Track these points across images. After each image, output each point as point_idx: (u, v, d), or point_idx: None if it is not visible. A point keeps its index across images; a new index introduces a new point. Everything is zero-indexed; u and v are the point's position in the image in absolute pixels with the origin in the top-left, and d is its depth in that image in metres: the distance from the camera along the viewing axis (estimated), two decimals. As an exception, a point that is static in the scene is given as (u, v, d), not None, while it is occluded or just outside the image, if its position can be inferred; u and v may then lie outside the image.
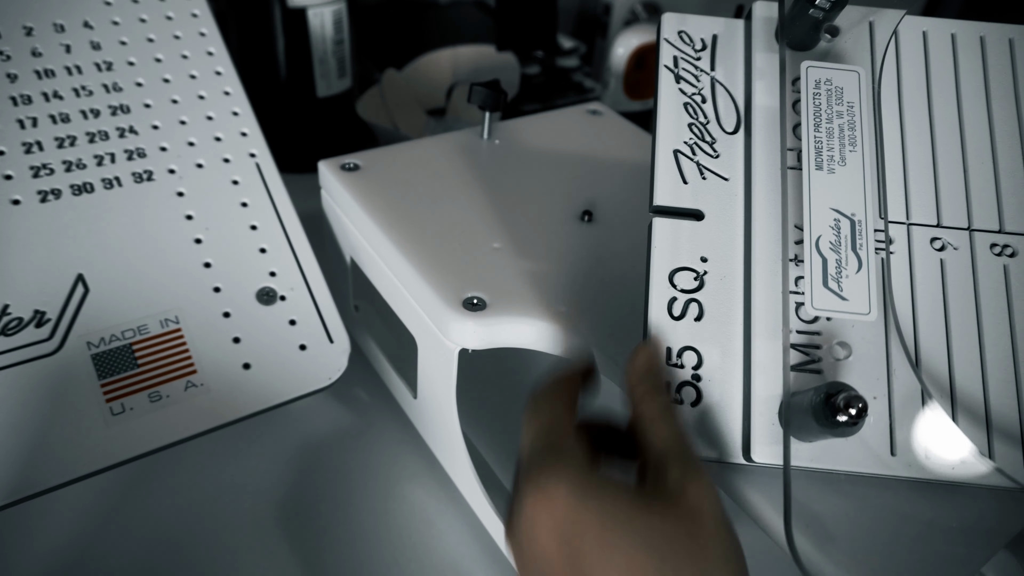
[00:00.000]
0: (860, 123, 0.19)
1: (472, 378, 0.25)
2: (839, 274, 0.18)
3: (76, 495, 0.27)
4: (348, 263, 0.31)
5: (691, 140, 0.21)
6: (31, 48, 0.29)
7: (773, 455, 0.17)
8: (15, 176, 0.27)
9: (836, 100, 0.20)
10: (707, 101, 0.21)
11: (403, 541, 0.27)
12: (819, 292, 0.18)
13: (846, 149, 0.19)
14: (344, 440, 0.31)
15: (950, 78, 0.21)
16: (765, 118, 0.21)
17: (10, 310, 0.24)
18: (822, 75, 0.20)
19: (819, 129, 0.19)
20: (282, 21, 0.43)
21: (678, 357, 0.19)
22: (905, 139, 0.21)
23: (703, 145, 0.21)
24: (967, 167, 0.20)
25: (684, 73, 0.21)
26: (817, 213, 0.18)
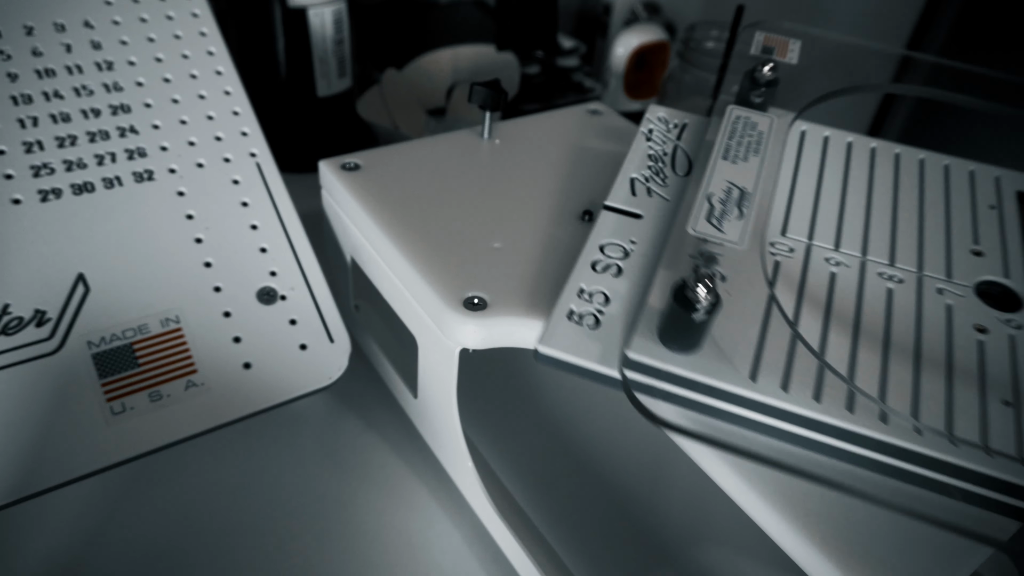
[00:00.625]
0: (766, 145, 0.26)
1: (473, 378, 0.25)
2: (721, 216, 0.23)
3: (76, 495, 0.27)
4: (348, 263, 0.31)
5: (647, 174, 0.27)
6: (31, 47, 0.29)
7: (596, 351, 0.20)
8: (15, 176, 0.27)
9: (750, 130, 0.27)
10: (668, 155, 0.28)
11: (403, 541, 0.27)
12: (701, 223, 0.23)
13: (750, 153, 0.26)
14: (344, 440, 0.31)
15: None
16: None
17: (10, 309, 0.24)
18: (742, 114, 0.28)
19: (731, 139, 0.26)
20: (282, 21, 0.43)
21: (589, 297, 0.21)
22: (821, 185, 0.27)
23: (656, 178, 0.27)
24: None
25: (655, 138, 0.29)
26: (716, 182, 0.24)
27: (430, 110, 0.51)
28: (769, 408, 0.18)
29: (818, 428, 0.18)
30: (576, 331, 0.20)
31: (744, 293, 0.21)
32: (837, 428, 0.17)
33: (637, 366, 0.19)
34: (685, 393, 0.19)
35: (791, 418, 0.18)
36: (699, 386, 0.18)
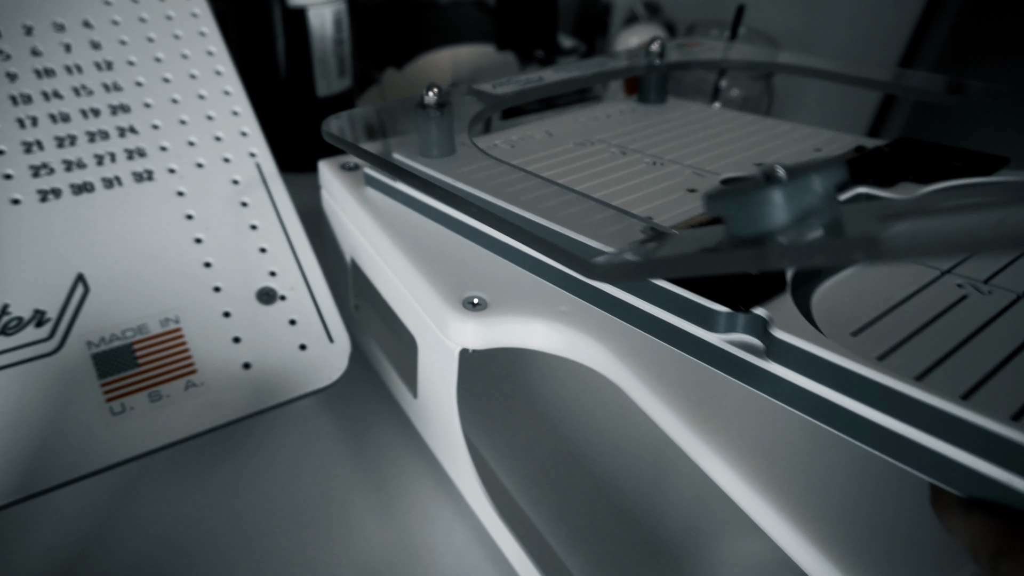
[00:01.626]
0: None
1: (473, 378, 0.25)
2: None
3: (76, 495, 0.27)
4: (348, 263, 0.31)
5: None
6: (31, 47, 0.29)
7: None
8: (15, 175, 0.27)
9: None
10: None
11: (403, 541, 0.27)
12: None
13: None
14: (344, 440, 0.31)
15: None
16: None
17: (10, 309, 0.24)
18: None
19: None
20: (282, 21, 0.43)
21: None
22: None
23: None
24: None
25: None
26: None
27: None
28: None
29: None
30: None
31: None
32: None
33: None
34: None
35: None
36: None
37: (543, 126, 0.32)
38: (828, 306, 0.18)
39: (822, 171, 0.15)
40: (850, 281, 0.19)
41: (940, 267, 0.20)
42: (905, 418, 0.14)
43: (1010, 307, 0.18)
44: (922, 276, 0.19)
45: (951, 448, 0.14)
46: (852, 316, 0.18)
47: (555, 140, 0.30)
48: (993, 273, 0.19)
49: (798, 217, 0.14)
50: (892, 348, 0.16)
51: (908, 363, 0.16)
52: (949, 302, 0.18)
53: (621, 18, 0.64)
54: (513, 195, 0.23)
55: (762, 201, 0.14)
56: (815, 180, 0.15)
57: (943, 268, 0.19)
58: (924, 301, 0.18)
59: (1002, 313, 0.18)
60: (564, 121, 0.33)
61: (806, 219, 0.15)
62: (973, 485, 0.14)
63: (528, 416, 0.32)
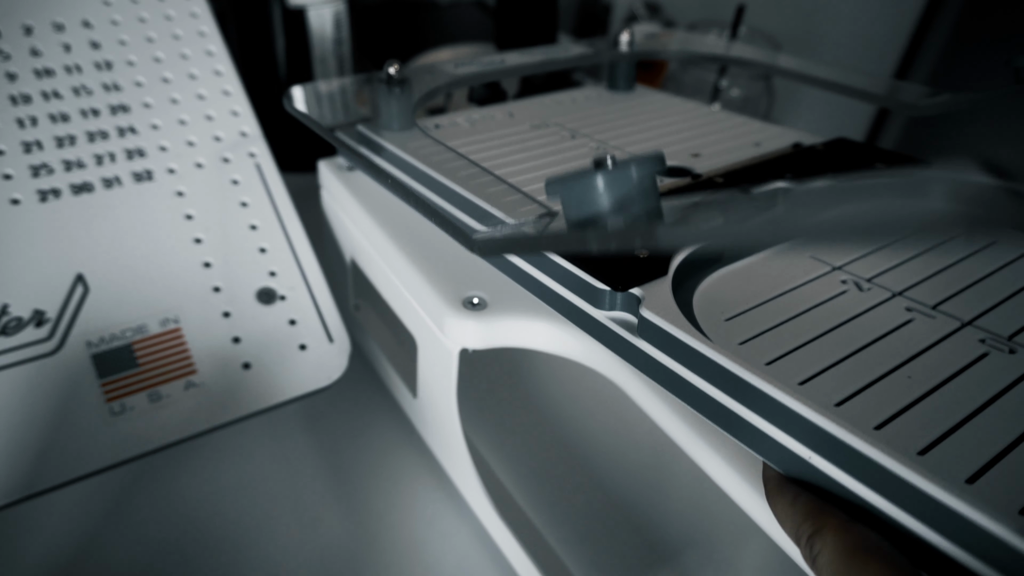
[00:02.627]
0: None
1: (473, 378, 0.25)
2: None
3: (76, 495, 0.27)
4: (348, 263, 0.31)
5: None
6: (30, 47, 0.29)
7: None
8: (15, 176, 0.27)
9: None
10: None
11: (403, 542, 0.27)
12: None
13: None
14: (344, 440, 0.31)
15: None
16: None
17: (10, 310, 0.24)
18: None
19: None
20: (282, 21, 0.43)
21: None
22: None
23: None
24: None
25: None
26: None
27: (430, 110, 0.51)
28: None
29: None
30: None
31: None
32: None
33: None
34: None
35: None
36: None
37: (509, 108, 0.32)
38: (713, 293, 0.19)
39: (640, 162, 0.16)
40: (742, 272, 0.20)
41: (832, 263, 0.20)
42: (744, 402, 0.15)
43: (881, 304, 0.18)
44: (812, 270, 0.20)
45: (777, 432, 0.15)
46: (732, 303, 0.18)
47: (514, 120, 0.31)
48: (878, 272, 0.20)
49: (619, 204, 0.16)
50: (756, 335, 0.17)
51: (765, 350, 0.17)
52: (828, 296, 0.19)
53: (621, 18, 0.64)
54: (453, 170, 0.24)
55: (586, 187, 0.16)
56: (632, 169, 0.16)
57: (834, 264, 0.20)
58: (805, 294, 0.19)
59: (871, 309, 0.18)
60: (530, 104, 0.33)
61: (626, 206, 0.16)
62: (791, 465, 0.15)
63: (528, 416, 0.32)
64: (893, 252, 0.21)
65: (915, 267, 0.20)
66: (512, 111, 0.32)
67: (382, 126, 0.27)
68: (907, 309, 0.18)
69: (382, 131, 0.27)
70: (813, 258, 0.20)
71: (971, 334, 0.17)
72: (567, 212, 0.17)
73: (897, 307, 0.18)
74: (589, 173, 0.16)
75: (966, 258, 0.21)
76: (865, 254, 0.21)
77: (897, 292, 0.19)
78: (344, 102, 0.30)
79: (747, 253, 0.20)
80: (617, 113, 0.32)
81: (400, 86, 0.26)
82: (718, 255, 0.20)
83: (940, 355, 0.17)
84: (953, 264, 0.20)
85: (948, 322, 0.18)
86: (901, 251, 0.21)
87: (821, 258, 0.20)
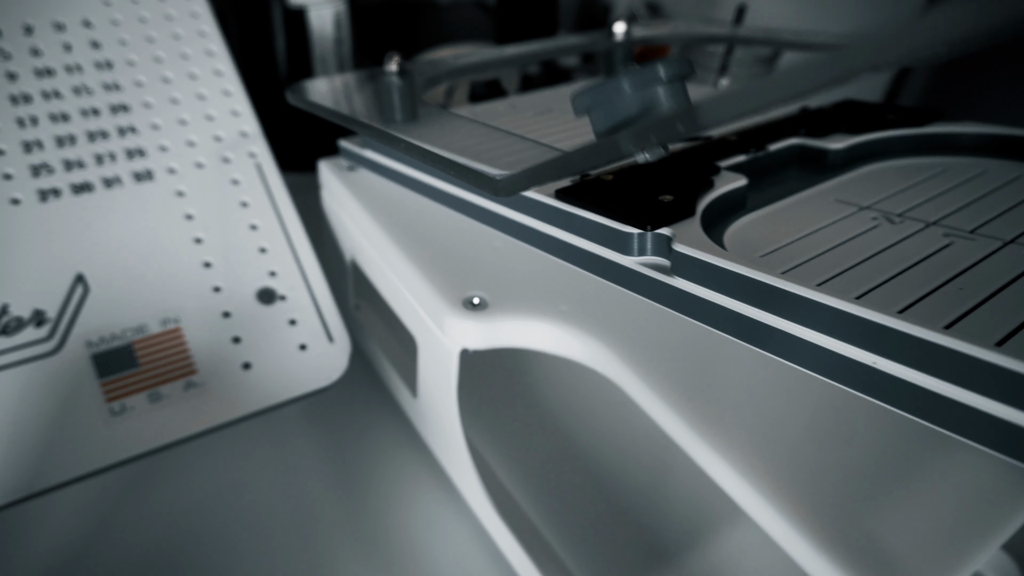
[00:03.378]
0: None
1: (473, 378, 0.25)
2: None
3: (76, 495, 0.27)
4: (348, 263, 0.31)
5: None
6: (31, 47, 0.29)
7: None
8: (15, 175, 0.27)
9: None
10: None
11: (403, 542, 0.27)
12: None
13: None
14: (344, 440, 0.31)
15: None
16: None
17: (10, 310, 0.24)
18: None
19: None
20: (282, 21, 0.43)
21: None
22: None
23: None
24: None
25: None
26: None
27: (430, 110, 0.51)
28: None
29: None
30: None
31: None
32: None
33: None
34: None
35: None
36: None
37: (510, 101, 0.32)
38: (743, 235, 0.19)
39: (668, 62, 0.16)
40: (769, 217, 0.20)
41: (859, 203, 0.20)
42: (803, 321, 0.15)
43: (916, 233, 0.18)
44: (840, 211, 0.20)
45: (840, 344, 0.15)
46: (763, 243, 0.18)
47: (516, 110, 0.31)
48: (907, 208, 0.20)
49: (647, 107, 0.15)
50: (797, 265, 0.17)
51: (811, 276, 0.16)
52: (861, 230, 0.19)
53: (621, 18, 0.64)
54: (463, 128, 0.24)
55: (613, 90, 0.16)
56: (660, 68, 0.16)
57: (862, 204, 0.20)
58: (837, 230, 0.19)
59: (908, 238, 0.18)
60: (531, 97, 0.33)
61: (654, 110, 0.16)
62: (852, 377, 0.15)
63: (529, 416, 0.32)
64: (918, 190, 0.20)
65: (945, 201, 0.20)
66: (514, 103, 0.32)
67: (386, 118, 0.27)
68: (944, 235, 0.18)
69: (386, 124, 0.27)
70: (839, 201, 0.20)
71: (1015, 250, 0.17)
72: (596, 123, 0.17)
73: (934, 235, 0.18)
74: (616, 77, 0.16)
75: (998, 188, 0.20)
76: (891, 194, 0.20)
77: (932, 222, 0.19)
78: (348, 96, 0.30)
79: (777, 197, 0.20)
80: None
81: (402, 78, 0.26)
82: (742, 200, 0.20)
83: (989, 268, 0.16)
84: (984, 195, 0.20)
85: (989, 243, 0.17)
86: (927, 189, 0.21)
87: (847, 200, 0.20)
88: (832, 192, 0.21)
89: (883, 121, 0.25)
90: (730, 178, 0.20)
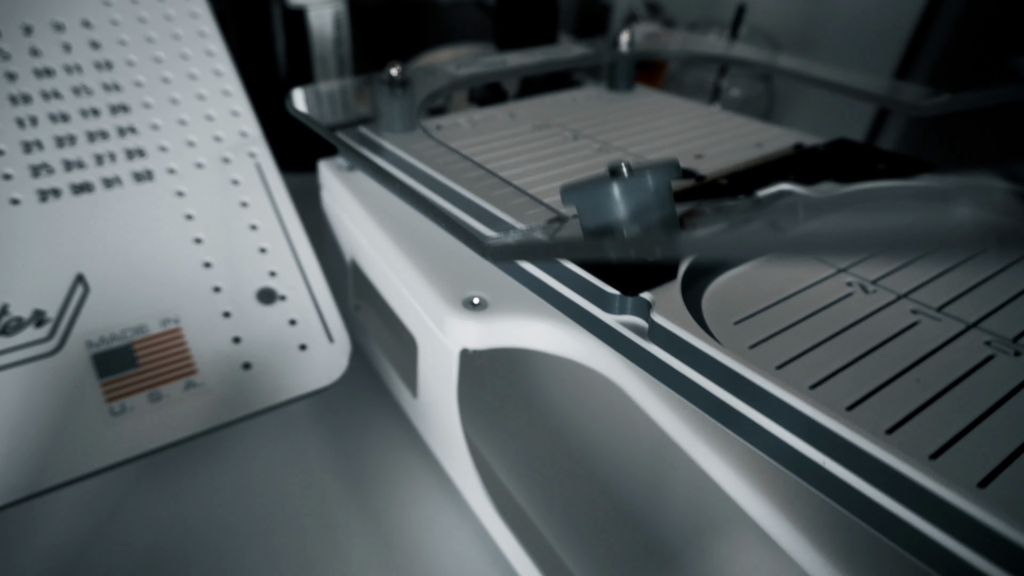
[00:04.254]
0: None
1: (473, 378, 0.25)
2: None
3: (76, 495, 0.27)
4: (348, 263, 0.31)
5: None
6: (30, 47, 0.29)
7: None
8: (14, 176, 0.27)
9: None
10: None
11: (404, 542, 0.27)
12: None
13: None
14: (344, 440, 0.31)
15: None
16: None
17: (9, 310, 0.24)
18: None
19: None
20: (282, 21, 0.43)
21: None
22: None
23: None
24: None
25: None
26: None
27: (430, 110, 0.51)
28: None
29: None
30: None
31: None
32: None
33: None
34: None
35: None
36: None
37: (509, 108, 0.32)
38: (722, 295, 0.19)
39: (656, 170, 0.16)
40: (749, 274, 0.20)
41: (837, 265, 0.20)
42: (758, 407, 0.15)
43: (887, 307, 0.19)
44: (819, 272, 0.20)
45: (792, 437, 0.15)
46: (740, 306, 0.19)
47: (515, 121, 0.31)
48: (882, 275, 0.20)
49: (635, 211, 0.16)
50: (766, 338, 0.17)
51: (775, 354, 0.17)
52: (835, 298, 0.19)
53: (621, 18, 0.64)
54: (458, 172, 0.24)
55: (603, 195, 0.16)
56: (648, 178, 0.16)
57: (839, 265, 0.20)
58: (812, 296, 0.19)
59: (877, 312, 0.19)
60: (531, 104, 0.33)
61: (643, 214, 0.16)
62: (805, 471, 0.15)
63: (529, 416, 0.32)
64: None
65: (919, 268, 0.20)
66: (513, 111, 0.32)
67: (384, 127, 0.27)
68: (912, 311, 0.19)
69: (384, 132, 0.27)
70: (819, 260, 0.21)
71: (976, 336, 0.18)
72: (583, 220, 0.17)
73: (903, 310, 0.19)
74: (605, 181, 0.16)
75: (970, 259, 0.21)
76: (870, 256, 0.21)
77: (902, 294, 0.19)
78: (345, 102, 0.30)
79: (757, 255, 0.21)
80: (618, 113, 0.33)
81: (402, 87, 0.26)
82: (726, 259, 0.21)
83: (947, 357, 0.17)
84: (957, 265, 0.21)
85: (953, 325, 0.18)
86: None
87: (827, 260, 0.21)
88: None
89: (872, 170, 0.26)
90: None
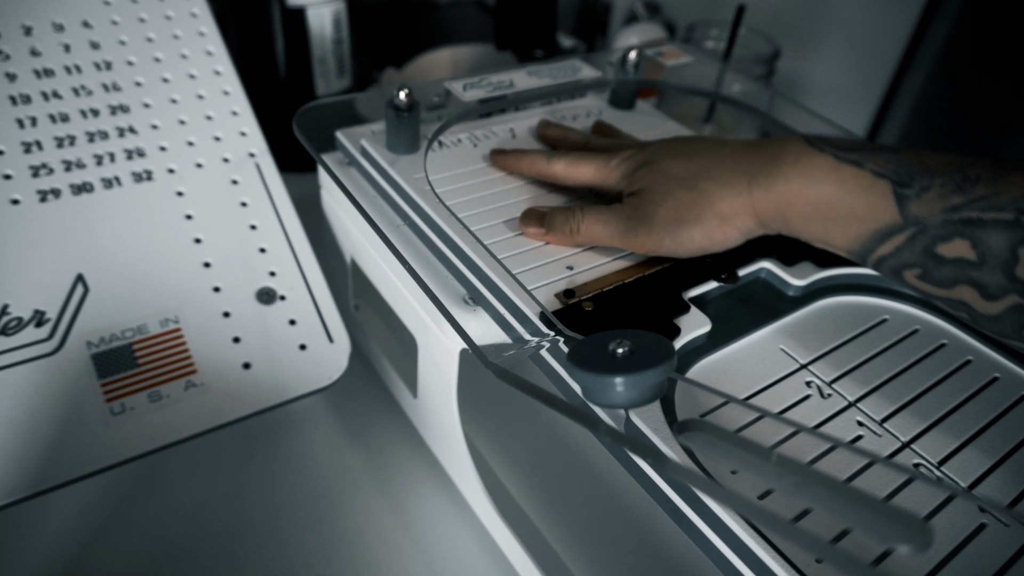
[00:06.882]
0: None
1: (473, 378, 0.25)
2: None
3: (76, 495, 0.27)
4: (348, 263, 0.31)
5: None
6: (30, 47, 0.29)
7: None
8: (15, 176, 0.27)
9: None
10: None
11: (404, 542, 0.27)
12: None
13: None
14: (344, 440, 0.31)
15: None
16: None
17: (10, 310, 0.24)
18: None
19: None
20: (281, 21, 0.43)
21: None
22: None
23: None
24: None
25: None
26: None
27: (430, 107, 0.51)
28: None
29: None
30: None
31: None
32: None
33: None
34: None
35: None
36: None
37: (511, 123, 0.32)
38: (693, 388, 0.21)
39: (657, 366, 0.18)
40: (719, 363, 0.23)
41: (800, 359, 0.23)
42: (708, 522, 0.18)
43: (837, 415, 0.21)
44: (782, 366, 0.23)
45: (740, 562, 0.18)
46: (708, 400, 0.21)
47: (517, 142, 0.31)
48: (839, 375, 0.23)
49: (638, 396, 0.18)
50: (736, 432, 0.20)
51: (735, 456, 0.18)
52: (793, 400, 0.21)
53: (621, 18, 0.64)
54: (448, 218, 0.25)
55: (607, 383, 0.18)
56: (650, 374, 0.18)
57: (802, 361, 0.23)
58: (774, 395, 0.22)
59: (829, 420, 0.21)
60: (531, 119, 0.33)
61: (646, 394, 0.18)
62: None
63: (528, 416, 0.32)
64: (853, 350, 0.23)
65: (872, 370, 0.23)
66: (514, 128, 0.32)
67: (389, 148, 0.28)
68: (858, 423, 0.21)
69: (387, 152, 0.28)
70: (784, 351, 0.23)
71: (909, 456, 0.20)
72: (586, 395, 0.20)
73: (849, 420, 0.21)
74: (610, 377, 0.18)
75: (920, 360, 0.23)
76: (829, 350, 0.23)
77: (852, 402, 0.22)
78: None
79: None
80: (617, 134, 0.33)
81: (409, 112, 0.27)
82: (703, 344, 0.23)
83: (877, 475, 0.19)
84: (908, 367, 0.23)
85: (890, 442, 0.21)
86: (861, 348, 0.24)
87: (791, 351, 0.23)
88: (780, 338, 0.23)
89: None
90: (696, 322, 0.22)
